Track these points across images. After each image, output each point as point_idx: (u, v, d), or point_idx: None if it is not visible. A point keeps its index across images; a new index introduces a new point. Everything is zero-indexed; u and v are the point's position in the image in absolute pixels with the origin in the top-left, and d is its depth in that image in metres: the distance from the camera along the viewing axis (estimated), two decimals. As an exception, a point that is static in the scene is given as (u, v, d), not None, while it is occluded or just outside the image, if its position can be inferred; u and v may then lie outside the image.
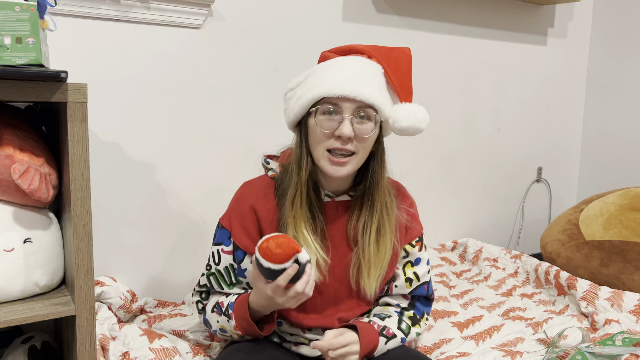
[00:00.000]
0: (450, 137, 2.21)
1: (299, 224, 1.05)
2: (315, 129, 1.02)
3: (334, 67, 1.04)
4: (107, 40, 1.46)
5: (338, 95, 0.99)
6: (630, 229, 1.81)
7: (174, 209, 1.63)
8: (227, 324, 1.09)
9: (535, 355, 1.33)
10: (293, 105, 1.07)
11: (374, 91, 1.01)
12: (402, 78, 1.07)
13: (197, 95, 1.61)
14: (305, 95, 1.03)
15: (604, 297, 1.56)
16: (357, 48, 1.08)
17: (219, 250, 1.11)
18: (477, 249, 2.08)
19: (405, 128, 1.05)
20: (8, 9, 0.82)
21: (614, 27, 2.50)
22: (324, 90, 1.00)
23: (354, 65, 1.04)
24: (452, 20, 2.11)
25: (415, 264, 1.19)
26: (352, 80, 1.00)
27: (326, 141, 1.01)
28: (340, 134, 0.99)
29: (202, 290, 1.18)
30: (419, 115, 1.05)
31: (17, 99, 0.86)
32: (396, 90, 1.07)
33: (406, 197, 1.23)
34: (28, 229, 0.96)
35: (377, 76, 1.04)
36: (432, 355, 1.36)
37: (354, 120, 1.00)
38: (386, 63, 1.06)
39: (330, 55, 1.09)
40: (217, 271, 1.12)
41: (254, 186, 1.14)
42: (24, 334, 1.24)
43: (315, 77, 1.04)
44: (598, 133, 2.60)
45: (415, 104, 1.06)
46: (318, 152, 1.04)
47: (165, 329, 1.41)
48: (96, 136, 1.48)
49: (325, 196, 1.11)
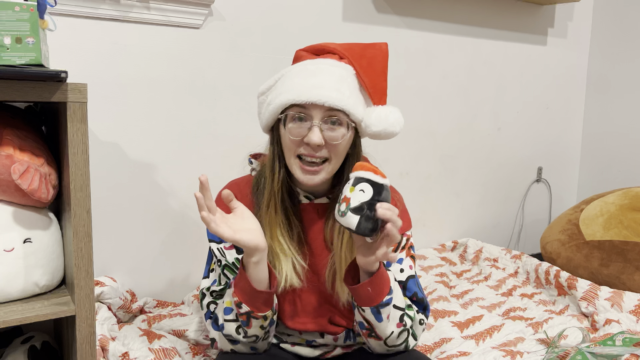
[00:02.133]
0: (450, 137, 2.21)
1: (274, 230, 1.02)
2: (286, 136, 1.00)
3: (302, 72, 1.00)
4: (107, 40, 1.46)
5: (305, 101, 0.95)
6: (630, 229, 1.81)
7: (174, 209, 1.63)
8: (229, 297, 1.01)
9: (536, 355, 1.33)
10: (264, 111, 1.04)
11: (343, 96, 0.97)
12: (376, 79, 1.03)
13: (197, 95, 1.61)
14: (274, 101, 1.00)
15: (604, 297, 1.56)
16: (328, 47, 1.04)
17: (220, 247, 1.08)
18: (477, 249, 2.08)
19: (377, 133, 1.01)
20: (8, 9, 0.82)
21: (614, 27, 2.50)
22: (291, 97, 0.97)
23: (321, 69, 0.99)
24: (452, 20, 2.11)
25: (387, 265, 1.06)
26: (319, 86, 0.96)
27: (296, 148, 0.99)
28: (308, 142, 0.96)
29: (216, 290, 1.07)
30: (391, 119, 1.01)
31: (17, 99, 0.85)
32: (369, 92, 1.02)
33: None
34: (28, 229, 0.96)
35: (347, 78, 1.00)
36: (432, 355, 1.36)
37: (324, 127, 0.97)
38: (358, 64, 1.02)
39: (303, 54, 1.05)
40: (230, 263, 1.06)
41: (236, 183, 1.13)
42: (24, 334, 1.24)
43: (284, 82, 1.01)
44: (598, 133, 2.60)
45: (388, 106, 1.03)
46: (289, 159, 1.01)
47: (164, 329, 1.41)
48: (96, 136, 1.48)
49: (305, 198, 1.08)
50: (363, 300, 0.96)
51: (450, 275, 1.93)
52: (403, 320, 1.01)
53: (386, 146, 2.05)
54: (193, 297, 1.57)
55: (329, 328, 1.10)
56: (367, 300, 0.96)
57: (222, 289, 1.05)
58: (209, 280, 1.08)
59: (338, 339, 1.12)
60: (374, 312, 0.97)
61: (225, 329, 1.01)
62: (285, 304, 1.09)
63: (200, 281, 1.20)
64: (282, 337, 1.15)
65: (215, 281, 1.07)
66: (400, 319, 1.01)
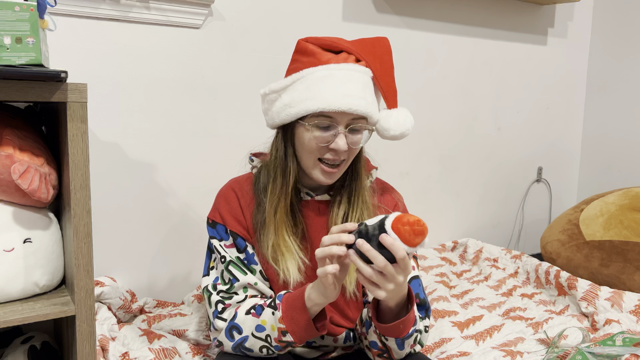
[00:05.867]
0: (450, 137, 2.21)
1: (280, 227, 1.03)
2: (307, 139, 1.00)
3: (329, 78, 0.99)
4: (107, 40, 1.46)
5: (335, 110, 0.96)
6: (630, 229, 1.81)
7: (174, 208, 1.63)
8: (271, 318, 0.97)
9: (536, 355, 1.33)
10: (279, 111, 1.02)
11: (368, 103, 1.00)
12: (390, 80, 1.05)
13: (197, 95, 1.61)
14: (297, 105, 0.99)
15: (604, 297, 1.56)
16: (342, 45, 1.04)
17: (221, 245, 1.06)
18: (478, 249, 2.08)
19: (394, 136, 1.06)
20: (8, 8, 0.82)
21: (614, 27, 2.50)
22: (321, 105, 0.97)
23: (349, 78, 1.00)
24: (452, 20, 2.11)
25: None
26: (348, 95, 0.97)
27: (318, 152, 1.00)
28: (336, 148, 0.99)
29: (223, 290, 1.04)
30: (407, 123, 1.06)
31: (17, 99, 0.85)
32: (384, 96, 1.05)
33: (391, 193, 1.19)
34: (28, 229, 0.96)
35: (368, 84, 1.02)
36: (432, 355, 1.36)
37: (348, 133, 0.99)
38: (374, 66, 1.04)
39: (315, 50, 1.03)
40: (234, 258, 1.05)
41: (237, 180, 1.13)
42: (23, 334, 1.24)
43: (308, 87, 0.99)
44: (598, 133, 2.60)
45: (401, 109, 1.06)
46: (309, 161, 1.02)
47: (164, 329, 1.41)
48: (96, 136, 1.48)
49: (306, 194, 1.09)
50: (391, 333, 0.96)
51: (450, 275, 1.93)
52: (416, 338, 1.03)
53: (386, 146, 2.05)
54: (193, 297, 1.57)
55: (329, 328, 1.09)
56: (396, 332, 0.95)
57: (229, 288, 1.04)
58: (210, 278, 1.07)
59: (338, 340, 1.12)
60: (398, 343, 0.97)
61: (248, 342, 0.99)
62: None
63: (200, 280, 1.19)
64: None
65: (218, 278, 1.06)
66: (415, 339, 1.02)
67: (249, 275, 1.04)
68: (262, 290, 1.05)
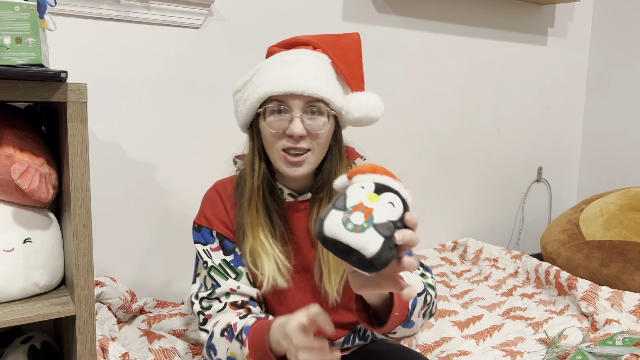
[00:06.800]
0: (450, 137, 2.21)
1: (256, 230, 1.00)
2: (266, 131, 0.97)
3: (277, 64, 0.98)
4: (107, 40, 1.46)
5: (284, 92, 0.93)
6: (630, 229, 1.81)
7: (174, 209, 1.63)
8: (239, 352, 0.93)
9: (536, 355, 1.33)
10: (241, 108, 1.02)
11: (322, 84, 0.95)
12: (352, 66, 1.01)
13: (197, 95, 1.61)
14: (251, 96, 0.98)
15: (604, 297, 1.56)
16: (301, 40, 1.03)
17: (206, 249, 1.05)
18: (478, 249, 2.08)
19: (358, 119, 0.99)
20: (8, 8, 0.82)
21: (614, 27, 2.50)
22: (269, 88, 0.94)
23: (297, 59, 0.98)
24: (452, 20, 2.11)
25: None
26: (297, 75, 0.94)
27: (279, 142, 0.96)
28: (291, 133, 0.94)
29: (204, 296, 1.03)
30: (371, 103, 0.99)
31: (17, 99, 0.85)
32: (346, 80, 1.01)
33: None
34: (28, 229, 0.96)
35: (324, 67, 0.98)
36: (432, 354, 1.36)
37: (305, 117, 0.95)
38: (333, 52, 1.01)
39: (275, 50, 1.04)
40: (216, 264, 1.03)
41: (221, 182, 1.11)
42: (23, 334, 1.24)
43: (260, 76, 0.98)
44: (598, 133, 2.60)
45: (367, 92, 1.00)
46: (274, 154, 0.99)
47: (164, 329, 1.41)
48: (96, 136, 1.48)
49: (289, 196, 1.05)
50: (390, 327, 0.86)
51: (450, 275, 1.93)
52: (427, 301, 0.95)
53: (386, 146, 2.06)
54: (193, 297, 1.57)
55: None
56: (395, 323, 0.86)
57: (210, 294, 1.02)
58: (196, 286, 1.05)
59: (335, 344, 1.09)
60: (405, 325, 0.89)
61: None
62: (276, 305, 1.06)
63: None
64: None
65: (201, 286, 1.04)
66: (425, 300, 0.95)
67: (230, 280, 1.02)
68: (246, 293, 1.02)
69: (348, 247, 0.62)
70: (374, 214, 0.62)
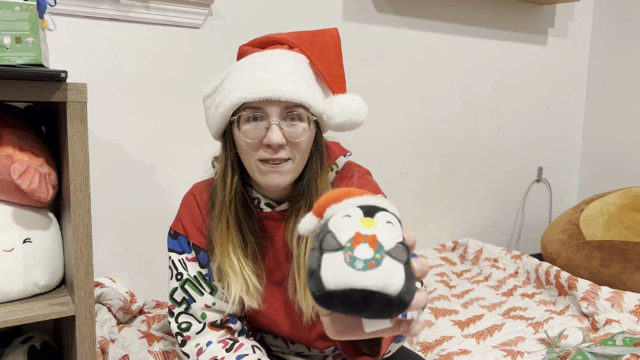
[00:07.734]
0: (450, 137, 2.21)
1: (225, 246, 0.93)
2: (241, 140, 0.88)
3: (250, 66, 0.89)
4: (107, 40, 1.46)
5: (259, 98, 0.84)
6: (630, 229, 1.80)
7: (174, 209, 1.62)
8: None
9: (536, 355, 1.33)
10: (212, 115, 0.93)
11: (300, 87, 0.86)
12: (331, 66, 0.92)
13: (197, 95, 1.61)
14: (223, 102, 0.88)
15: (605, 297, 1.56)
16: (275, 38, 0.95)
17: (182, 259, 0.99)
18: (478, 249, 2.08)
19: (341, 123, 0.91)
20: (8, 8, 0.82)
21: (614, 27, 2.49)
22: (242, 94, 0.85)
23: (272, 61, 0.89)
24: (452, 20, 2.11)
25: None
26: (272, 79, 0.85)
27: (256, 152, 0.88)
28: (269, 142, 0.85)
29: (181, 312, 0.99)
30: (354, 107, 0.90)
31: (17, 99, 0.85)
32: (326, 81, 0.92)
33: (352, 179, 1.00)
34: (28, 229, 0.96)
35: (301, 68, 0.89)
36: (433, 352, 1.36)
37: (283, 124, 0.86)
38: (310, 51, 0.92)
39: (247, 49, 0.96)
40: (191, 277, 0.98)
41: (197, 186, 1.05)
42: (23, 334, 1.24)
43: (231, 80, 0.89)
44: (598, 133, 2.60)
45: (350, 94, 0.92)
46: (249, 165, 0.90)
47: (164, 330, 1.41)
48: (96, 136, 1.48)
49: (266, 206, 0.97)
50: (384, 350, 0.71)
51: (450, 275, 1.93)
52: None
53: (386, 146, 2.05)
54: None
55: (314, 344, 1.04)
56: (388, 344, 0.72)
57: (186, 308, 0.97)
58: (170, 299, 1.01)
59: (325, 351, 1.08)
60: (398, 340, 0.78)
61: None
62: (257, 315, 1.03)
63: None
64: (271, 347, 1.12)
65: (175, 302, 0.99)
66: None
67: (206, 295, 0.97)
68: (223, 309, 0.98)
69: (367, 293, 0.46)
70: (380, 240, 0.49)
